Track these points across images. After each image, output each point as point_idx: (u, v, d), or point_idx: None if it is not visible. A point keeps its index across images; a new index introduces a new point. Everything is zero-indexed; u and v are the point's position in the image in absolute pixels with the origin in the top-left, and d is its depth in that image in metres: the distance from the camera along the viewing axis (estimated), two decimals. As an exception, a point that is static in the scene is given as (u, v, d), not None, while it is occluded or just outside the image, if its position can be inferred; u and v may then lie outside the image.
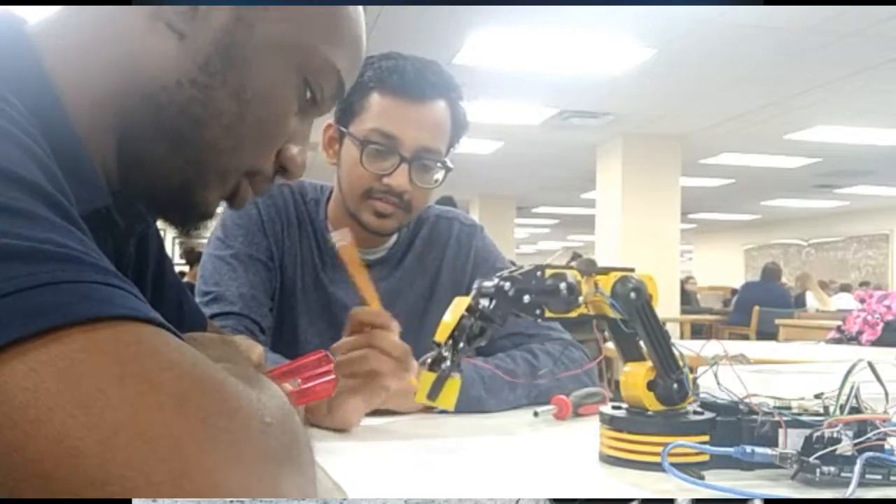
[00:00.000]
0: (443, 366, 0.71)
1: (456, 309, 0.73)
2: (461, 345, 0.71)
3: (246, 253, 1.24)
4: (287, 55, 0.61)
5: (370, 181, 1.19)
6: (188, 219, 0.66)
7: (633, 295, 0.78)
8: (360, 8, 0.68)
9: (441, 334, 0.72)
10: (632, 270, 0.80)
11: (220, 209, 0.68)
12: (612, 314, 0.79)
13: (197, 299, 1.22)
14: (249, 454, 0.38)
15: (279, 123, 0.64)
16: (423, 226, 1.37)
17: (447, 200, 6.58)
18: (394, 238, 1.34)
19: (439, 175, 1.24)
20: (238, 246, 1.24)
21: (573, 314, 0.77)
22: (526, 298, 0.74)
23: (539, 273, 0.75)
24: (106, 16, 0.59)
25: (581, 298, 0.76)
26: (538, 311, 0.75)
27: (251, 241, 1.25)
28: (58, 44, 0.59)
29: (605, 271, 0.79)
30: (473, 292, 0.75)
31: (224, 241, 1.25)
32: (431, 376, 0.71)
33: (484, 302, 0.73)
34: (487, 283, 0.74)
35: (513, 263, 1.08)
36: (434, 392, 0.70)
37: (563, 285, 0.75)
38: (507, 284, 0.73)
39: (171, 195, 0.63)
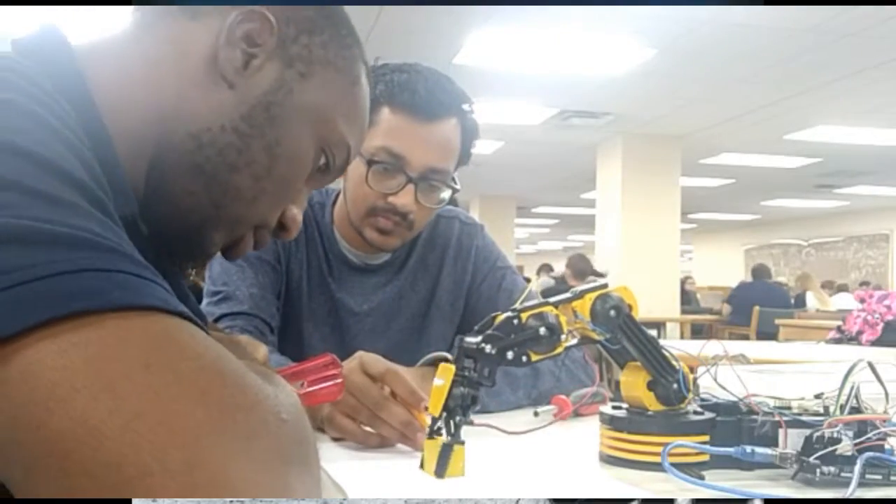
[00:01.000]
0: (442, 438, 0.70)
1: (445, 376, 0.72)
2: (458, 417, 0.71)
3: (254, 255, 1.23)
4: (314, 124, 0.67)
5: (375, 199, 1.18)
6: (192, 257, 0.68)
7: (612, 313, 0.77)
8: (368, 90, 0.73)
9: (434, 406, 0.71)
10: (605, 286, 0.79)
11: None
12: (596, 336, 0.79)
13: (205, 299, 1.22)
14: (264, 450, 0.38)
15: (295, 183, 0.68)
16: (425, 227, 1.36)
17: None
18: None
19: (445, 195, 1.22)
20: None
21: (559, 350, 0.77)
22: (509, 355, 0.74)
23: (516, 321, 0.74)
24: (165, 53, 0.63)
25: (563, 336, 0.76)
26: (524, 359, 0.75)
27: None
28: (105, 66, 0.61)
29: (580, 295, 0.78)
30: (457, 352, 0.74)
31: None
32: (435, 445, 0.71)
33: (468, 364, 0.72)
34: (470, 340, 0.73)
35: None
36: (441, 468, 0.70)
37: (542, 330, 0.74)
38: (488, 347, 0.72)
39: (185, 230, 0.65)
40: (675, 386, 0.79)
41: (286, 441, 0.40)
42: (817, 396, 0.78)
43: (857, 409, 0.75)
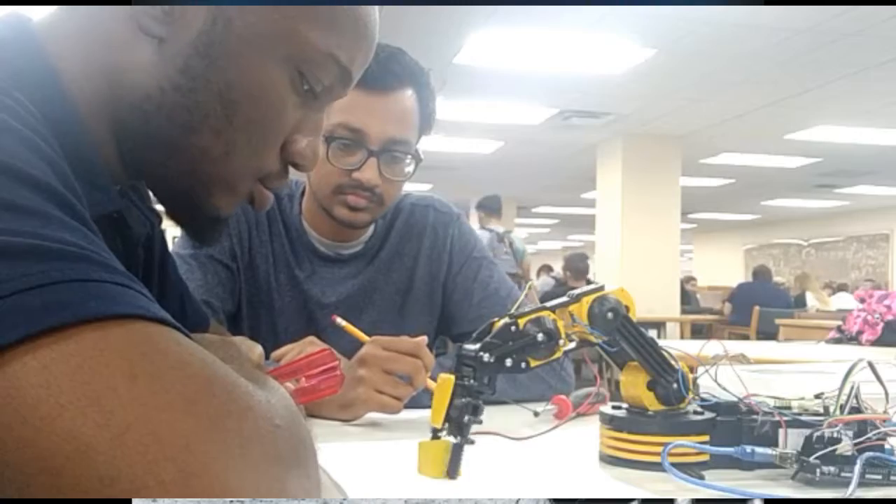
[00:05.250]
0: (442, 440, 0.71)
1: (443, 391, 0.71)
2: (466, 418, 0.71)
3: (205, 253, 1.23)
4: (273, 47, 0.57)
5: (339, 177, 1.18)
6: (199, 225, 0.65)
7: (610, 315, 0.77)
8: None
9: (436, 418, 0.71)
10: (601, 288, 0.79)
11: None
12: (594, 339, 0.78)
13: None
14: (259, 456, 0.38)
15: (273, 121, 0.60)
16: (399, 216, 1.35)
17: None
18: (369, 231, 1.32)
19: (410, 167, 1.22)
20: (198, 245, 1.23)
21: (557, 354, 0.77)
22: (508, 362, 0.73)
23: (514, 327, 0.74)
24: (96, 19, 0.58)
25: (561, 341, 0.76)
26: (523, 366, 0.75)
27: None
28: (63, 45, 0.58)
29: (577, 298, 0.78)
30: (455, 361, 0.74)
31: (186, 238, 1.23)
32: (430, 446, 0.71)
33: (468, 372, 0.72)
34: (468, 348, 0.73)
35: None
36: (454, 469, 0.70)
37: (540, 336, 0.74)
38: (486, 355, 0.72)
39: (176, 202, 0.62)
40: (675, 386, 0.79)
41: (280, 446, 0.40)
42: (817, 396, 0.78)
43: (857, 409, 0.75)
